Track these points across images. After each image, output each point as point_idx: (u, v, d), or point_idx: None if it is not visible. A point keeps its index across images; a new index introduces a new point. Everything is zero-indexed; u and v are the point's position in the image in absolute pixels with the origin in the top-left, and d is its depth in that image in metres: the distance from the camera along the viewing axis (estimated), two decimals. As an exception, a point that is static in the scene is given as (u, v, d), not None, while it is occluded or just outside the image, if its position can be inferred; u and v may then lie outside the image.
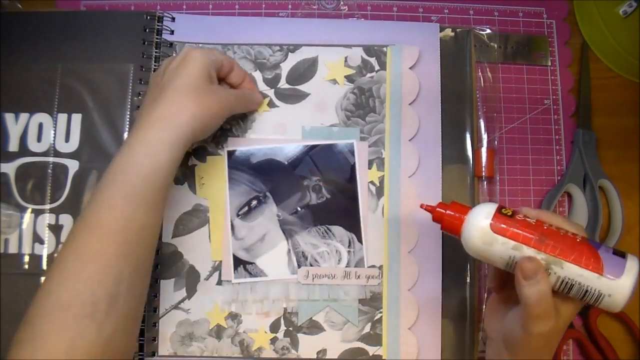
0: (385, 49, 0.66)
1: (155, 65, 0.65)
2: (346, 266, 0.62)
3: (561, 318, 0.47)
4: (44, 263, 0.62)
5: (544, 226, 0.48)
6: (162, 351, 0.62)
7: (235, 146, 0.64)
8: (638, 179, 0.68)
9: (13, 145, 0.64)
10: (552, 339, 0.49)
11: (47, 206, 0.63)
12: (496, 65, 0.69)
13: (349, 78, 0.66)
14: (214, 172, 0.64)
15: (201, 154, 0.64)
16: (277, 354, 0.62)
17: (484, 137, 0.67)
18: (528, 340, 0.48)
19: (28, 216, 0.63)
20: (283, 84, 0.65)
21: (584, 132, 0.67)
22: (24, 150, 0.64)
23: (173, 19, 0.67)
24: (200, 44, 0.66)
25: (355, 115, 0.65)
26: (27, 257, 0.62)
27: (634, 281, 0.44)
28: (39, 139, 0.64)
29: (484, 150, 0.66)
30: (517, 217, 0.49)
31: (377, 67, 0.66)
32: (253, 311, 0.62)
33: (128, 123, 0.64)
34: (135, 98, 0.64)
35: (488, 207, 0.49)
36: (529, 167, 0.68)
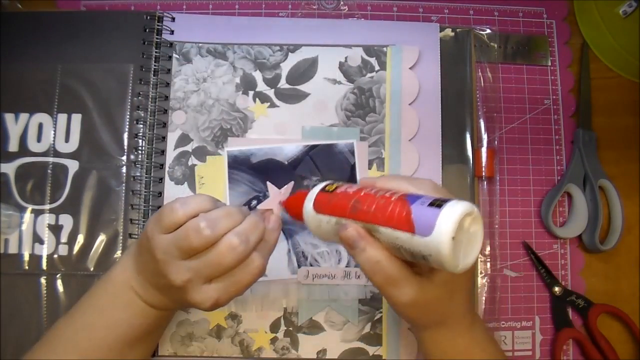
0: (385, 49, 0.66)
1: (155, 66, 0.65)
2: (346, 266, 0.62)
3: (427, 288, 0.43)
4: (44, 263, 0.62)
5: (361, 193, 0.43)
6: (162, 351, 0.62)
7: (235, 146, 0.64)
8: (638, 179, 0.68)
9: (13, 145, 0.64)
10: (430, 308, 0.44)
11: (47, 206, 0.63)
12: (496, 65, 0.69)
13: (349, 78, 0.66)
14: (214, 172, 0.64)
15: (201, 153, 0.64)
16: (277, 354, 0.62)
17: (484, 137, 0.67)
18: (400, 313, 0.45)
19: (28, 216, 0.63)
20: (283, 84, 0.66)
21: (584, 132, 0.67)
22: (24, 150, 0.64)
23: (173, 19, 0.67)
24: (200, 44, 0.66)
25: (355, 115, 0.65)
26: (27, 257, 0.62)
27: (450, 234, 0.37)
28: (39, 139, 0.64)
29: (484, 150, 0.66)
30: (337, 190, 0.44)
31: (377, 67, 0.66)
32: (253, 311, 0.62)
33: (128, 123, 0.64)
34: (135, 98, 0.64)
35: (314, 190, 0.46)
36: (529, 167, 0.68)
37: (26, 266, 0.62)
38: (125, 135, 0.64)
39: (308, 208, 0.45)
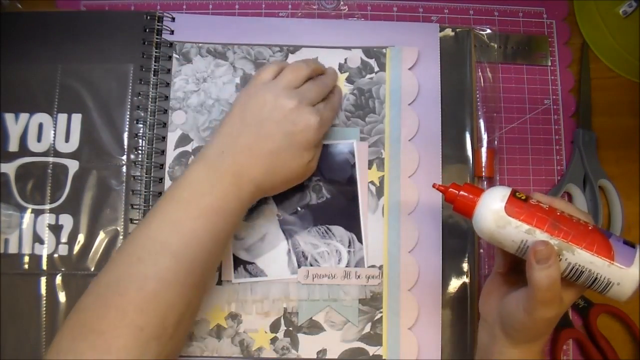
0: (384, 50, 0.66)
1: (155, 66, 0.65)
2: (346, 266, 0.62)
3: (563, 304, 0.47)
4: (44, 263, 0.62)
5: (557, 212, 0.48)
6: (162, 351, 0.62)
7: (235, 146, 0.64)
8: (638, 179, 0.68)
9: (13, 145, 0.64)
10: (552, 324, 0.49)
11: (47, 206, 0.63)
12: (496, 65, 0.69)
13: (349, 79, 0.66)
14: (214, 172, 0.64)
15: (201, 154, 0.64)
16: (277, 354, 0.62)
17: (484, 137, 0.67)
18: (530, 324, 0.48)
19: (28, 216, 0.63)
20: (283, 84, 0.65)
21: (584, 132, 0.67)
22: (24, 150, 0.64)
23: (173, 19, 0.67)
24: (200, 44, 0.66)
25: (355, 115, 0.65)
26: (27, 257, 0.62)
27: None
28: (39, 139, 0.64)
29: (484, 150, 0.67)
30: (530, 201, 0.48)
31: (376, 69, 0.66)
32: (253, 311, 0.62)
33: (128, 123, 0.64)
34: (135, 98, 0.64)
35: (503, 190, 0.49)
36: (529, 167, 0.68)
37: (26, 266, 0.62)
38: (125, 135, 0.64)
39: (498, 207, 0.48)
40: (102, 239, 0.62)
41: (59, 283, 0.62)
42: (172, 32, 0.66)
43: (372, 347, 0.62)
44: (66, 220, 0.63)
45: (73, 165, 0.63)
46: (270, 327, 0.62)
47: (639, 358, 0.65)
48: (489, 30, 0.69)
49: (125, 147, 0.64)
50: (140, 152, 0.64)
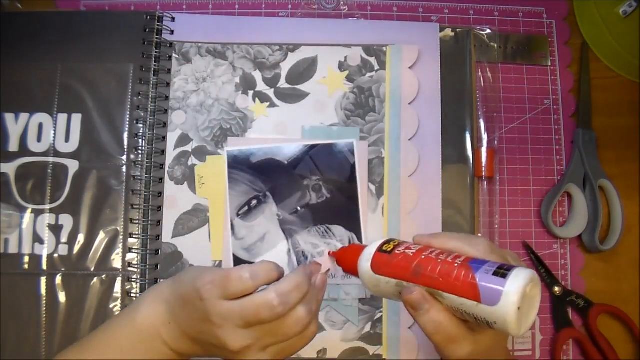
0: (384, 48, 0.66)
1: (155, 66, 0.65)
2: (346, 266, 0.62)
3: (477, 341, 0.43)
4: (44, 263, 0.62)
5: (423, 255, 0.43)
6: (162, 351, 0.62)
7: (235, 146, 0.64)
8: (638, 179, 0.68)
9: (13, 145, 0.64)
10: (482, 358, 0.45)
11: (47, 206, 0.63)
12: (496, 65, 0.69)
13: (349, 77, 0.66)
14: (214, 171, 0.64)
15: (201, 153, 0.64)
16: (277, 354, 0.62)
17: (484, 137, 0.67)
18: None
19: (28, 216, 0.63)
20: (283, 83, 0.66)
21: (584, 132, 0.67)
22: (24, 150, 0.64)
23: (173, 19, 0.67)
24: (200, 44, 0.66)
25: (355, 114, 0.65)
26: (27, 257, 0.62)
27: (516, 304, 0.38)
28: (39, 139, 0.64)
29: (484, 150, 0.66)
30: (396, 251, 0.45)
31: (376, 67, 0.66)
32: (253, 311, 0.62)
33: (128, 123, 0.64)
34: (135, 98, 0.64)
35: (370, 248, 0.46)
36: (529, 167, 0.68)
37: (26, 266, 0.62)
38: (125, 135, 0.64)
39: (365, 267, 0.46)
40: (102, 239, 0.62)
41: (59, 283, 0.62)
42: (172, 32, 0.66)
43: (372, 347, 0.62)
44: (66, 220, 0.63)
45: (73, 165, 0.63)
46: (270, 326, 0.62)
47: (639, 358, 0.65)
48: (489, 30, 0.69)
49: (125, 147, 0.64)
50: (140, 152, 0.64)
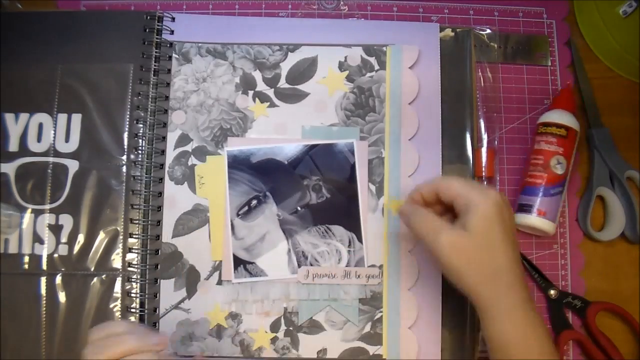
0: (384, 48, 0.66)
1: (155, 66, 0.65)
2: (346, 266, 0.62)
3: (468, 232, 0.50)
4: (44, 263, 0.62)
5: None
6: (162, 351, 0.62)
7: (235, 146, 0.64)
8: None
9: (13, 145, 0.64)
10: (471, 256, 0.50)
11: (47, 206, 0.63)
12: (496, 65, 0.69)
13: (349, 77, 0.66)
14: (214, 171, 0.64)
15: (201, 153, 0.64)
16: (277, 354, 0.62)
17: (484, 137, 0.67)
18: (447, 263, 0.51)
19: (28, 216, 0.63)
20: (283, 83, 0.66)
21: (597, 131, 0.67)
22: (24, 150, 0.64)
23: (173, 19, 0.67)
24: (200, 44, 0.66)
25: (355, 114, 0.65)
26: (27, 257, 0.62)
27: None
28: (39, 139, 0.64)
29: (484, 150, 0.67)
30: None
31: (376, 67, 0.66)
32: (253, 311, 0.62)
33: (128, 123, 0.64)
34: (135, 98, 0.64)
35: None
36: (529, 167, 0.68)
37: (26, 266, 0.62)
38: (125, 135, 0.64)
39: None
40: (102, 239, 0.62)
41: (59, 283, 0.62)
42: (172, 32, 0.66)
43: (372, 347, 0.62)
44: (66, 220, 0.63)
45: (73, 165, 0.64)
46: (270, 326, 0.62)
47: (640, 355, 0.65)
48: (489, 30, 0.69)
49: (125, 147, 0.64)
50: (140, 152, 0.64)
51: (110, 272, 0.62)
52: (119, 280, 0.62)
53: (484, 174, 0.66)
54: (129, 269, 0.62)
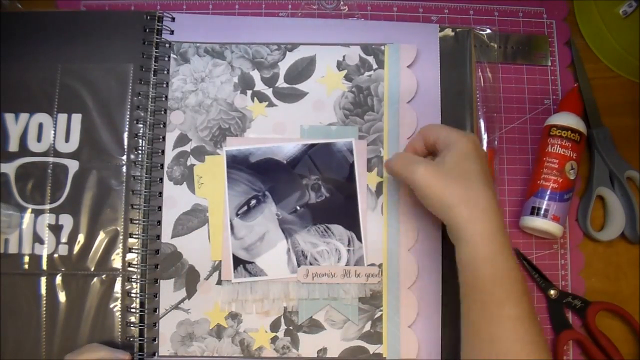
0: (383, 47, 0.66)
1: (155, 65, 0.65)
2: (346, 265, 0.62)
3: (444, 163, 0.54)
4: (44, 263, 0.62)
5: None
6: (162, 351, 0.62)
7: (234, 145, 0.64)
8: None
9: (13, 145, 0.64)
10: (449, 183, 0.53)
11: (47, 206, 0.63)
12: (496, 65, 0.69)
13: (347, 77, 0.66)
14: (213, 171, 0.64)
15: (200, 153, 0.64)
16: (277, 353, 0.62)
17: (484, 137, 0.67)
18: (427, 192, 0.54)
19: (28, 216, 0.63)
20: (281, 83, 0.66)
21: (597, 131, 0.67)
22: (24, 150, 0.64)
23: (173, 19, 0.67)
24: (199, 43, 0.66)
25: (353, 113, 0.65)
26: (27, 257, 0.62)
27: None
28: (39, 139, 0.64)
29: (483, 149, 0.66)
30: None
31: (375, 66, 0.66)
32: (253, 311, 0.62)
33: (128, 123, 0.64)
34: (135, 98, 0.65)
35: None
36: (529, 167, 0.68)
37: (26, 266, 0.62)
38: (125, 135, 0.64)
39: None
40: (102, 239, 0.62)
41: (59, 283, 0.62)
42: (172, 32, 0.67)
43: (372, 346, 0.62)
44: (66, 220, 0.63)
45: (73, 165, 0.64)
46: (270, 326, 0.62)
47: (640, 355, 0.65)
48: (489, 30, 0.70)
49: (125, 147, 0.64)
50: (140, 152, 0.64)
51: (110, 272, 0.62)
52: (119, 280, 0.62)
53: (484, 173, 0.66)
54: (129, 269, 0.62)
